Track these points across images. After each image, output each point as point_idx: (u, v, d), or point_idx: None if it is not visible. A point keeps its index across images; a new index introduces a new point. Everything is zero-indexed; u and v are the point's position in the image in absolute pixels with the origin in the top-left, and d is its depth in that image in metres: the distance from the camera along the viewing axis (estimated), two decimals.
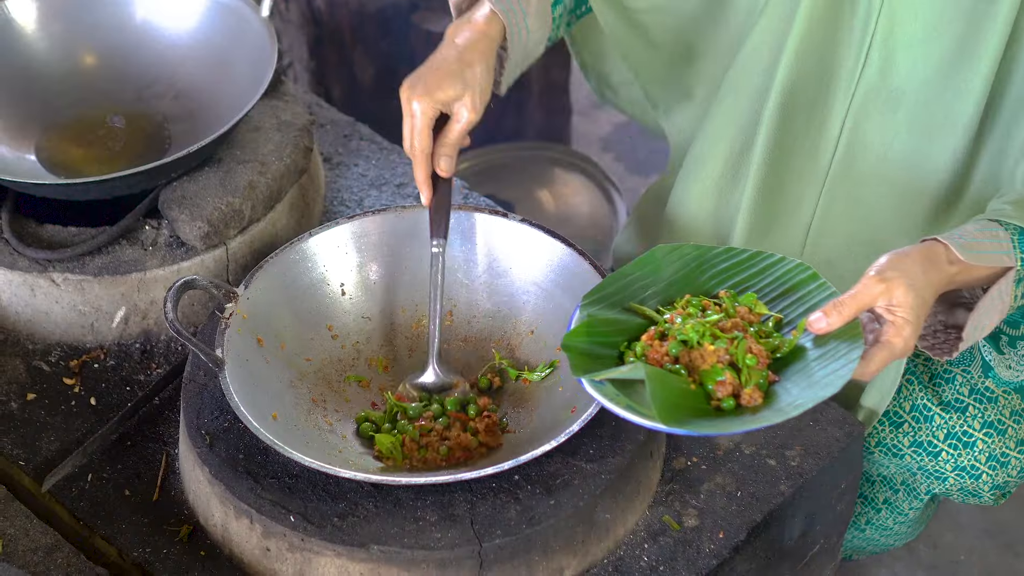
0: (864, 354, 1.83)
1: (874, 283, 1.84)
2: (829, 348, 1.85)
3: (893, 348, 1.84)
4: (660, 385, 1.81)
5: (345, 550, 1.89)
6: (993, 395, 2.21)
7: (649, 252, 2.02)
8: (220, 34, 2.49)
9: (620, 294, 1.99)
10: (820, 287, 1.95)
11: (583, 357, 1.90)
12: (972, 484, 2.24)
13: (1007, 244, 1.93)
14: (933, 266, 1.88)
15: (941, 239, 1.90)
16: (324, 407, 2.10)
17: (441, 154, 2.12)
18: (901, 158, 2.19)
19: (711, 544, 2.02)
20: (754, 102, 2.25)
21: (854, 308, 1.84)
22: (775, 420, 1.79)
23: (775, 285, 1.98)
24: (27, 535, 2.02)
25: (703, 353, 1.86)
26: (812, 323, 1.86)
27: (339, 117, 2.69)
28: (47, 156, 2.43)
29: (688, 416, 1.82)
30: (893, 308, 1.83)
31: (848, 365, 1.81)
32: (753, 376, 1.84)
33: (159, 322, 2.29)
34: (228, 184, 2.30)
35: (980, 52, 2.05)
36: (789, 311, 1.95)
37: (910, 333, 1.83)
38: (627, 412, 1.81)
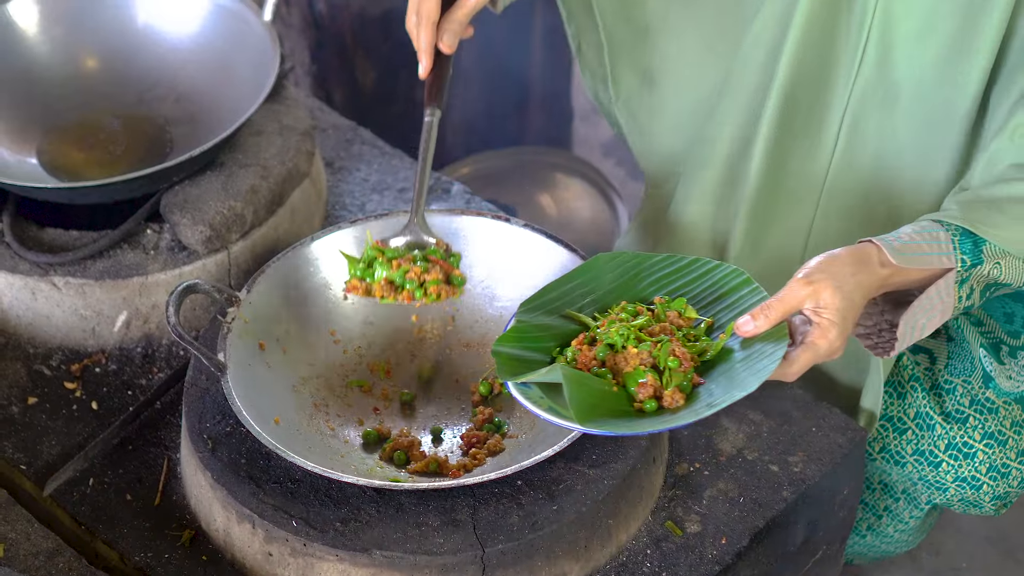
0: (787, 355, 1.84)
1: (801, 286, 1.84)
2: (755, 350, 1.86)
3: (817, 349, 1.84)
4: (577, 386, 1.83)
5: (347, 555, 1.89)
6: (994, 406, 2.20)
7: (591, 260, 2.04)
8: (222, 38, 2.49)
9: (558, 301, 2.01)
10: (752, 291, 1.96)
11: (512, 362, 1.91)
12: (973, 495, 2.24)
13: (947, 246, 1.93)
14: (863, 268, 1.88)
15: (875, 241, 1.91)
16: (326, 412, 2.10)
17: (445, 29, 2.13)
18: (900, 156, 2.19)
19: (714, 550, 2.02)
20: (752, 102, 2.25)
21: (781, 311, 1.85)
22: (690, 420, 1.81)
23: (710, 290, 1.99)
24: (28, 539, 2.01)
25: (626, 356, 1.88)
26: (740, 326, 1.87)
27: (341, 121, 2.69)
28: (48, 159, 2.43)
29: (607, 416, 1.83)
30: (819, 310, 1.84)
31: (770, 365, 1.82)
32: (675, 378, 1.86)
33: (161, 326, 2.28)
34: (230, 188, 2.30)
35: (977, 46, 2.05)
36: (722, 315, 1.97)
37: (835, 335, 1.84)
38: (548, 414, 1.82)
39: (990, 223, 1.95)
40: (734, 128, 2.30)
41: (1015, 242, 1.95)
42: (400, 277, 2.05)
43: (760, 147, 2.24)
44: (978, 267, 1.94)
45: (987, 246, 1.94)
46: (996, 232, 1.94)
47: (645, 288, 2.02)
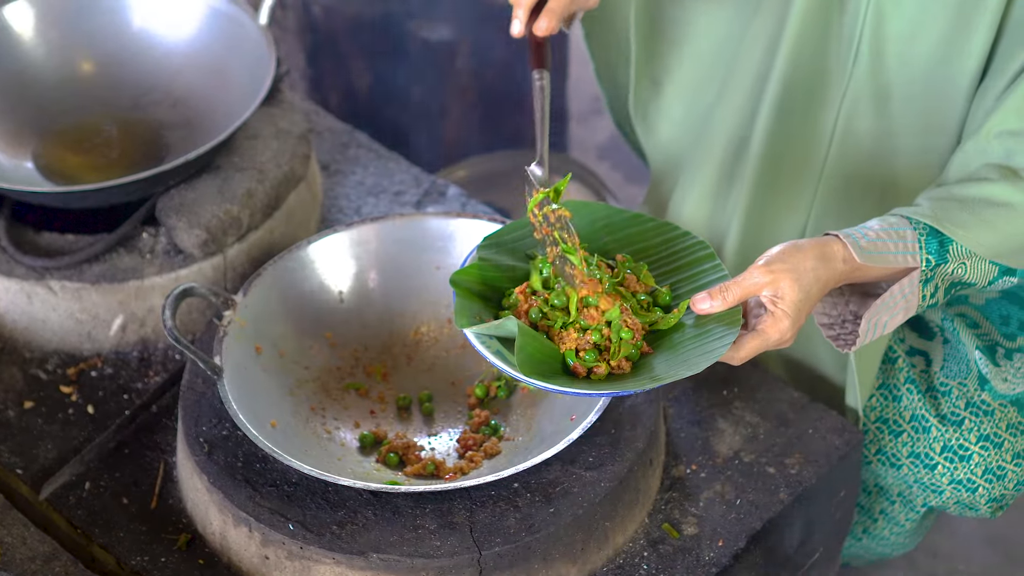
0: (737, 340, 1.84)
1: (761, 273, 1.84)
2: (706, 329, 1.86)
3: (767, 338, 1.85)
4: (530, 340, 1.82)
5: (344, 558, 1.89)
6: (989, 408, 2.20)
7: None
8: (218, 42, 2.49)
9: (520, 241, 1.99)
10: (714, 267, 1.95)
11: (470, 296, 1.90)
12: (968, 497, 2.24)
13: (913, 245, 1.93)
14: (825, 263, 1.88)
15: (841, 236, 1.90)
16: (323, 415, 2.10)
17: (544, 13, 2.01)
18: (894, 155, 2.19)
19: (710, 552, 2.02)
20: (748, 103, 2.26)
21: (738, 294, 1.85)
22: (631, 390, 1.81)
23: (672, 258, 1.99)
24: (25, 543, 2.01)
25: (563, 336, 1.86)
26: (696, 302, 1.87)
27: (337, 125, 2.69)
28: (44, 163, 2.43)
29: (551, 373, 1.83)
30: (776, 299, 1.84)
31: (719, 349, 1.82)
32: (624, 348, 1.85)
33: (157, 330, 2.28)
34: (226, 192, 2.30)
35: (968, 47, 2.05)
36: (680, 286, 1.96)
37: (787, 326, 1.84)
38: (495, 357, 1.81)
39: (958, 223, 1.95)
40: (731, 127, 2.30)
41: (981, 244, 1.96)
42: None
43: (756, 146, 2.24)
44: (943, 266, 1.94)
45: (953, 246, 1.94)
46: (963, 233, 1.94)
47: (609, 243, 2.00)
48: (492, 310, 1.91)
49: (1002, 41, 2.05)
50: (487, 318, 1.89)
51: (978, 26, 2.03)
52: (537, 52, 2.05)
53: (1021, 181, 1.98)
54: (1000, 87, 2.03)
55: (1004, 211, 1.97)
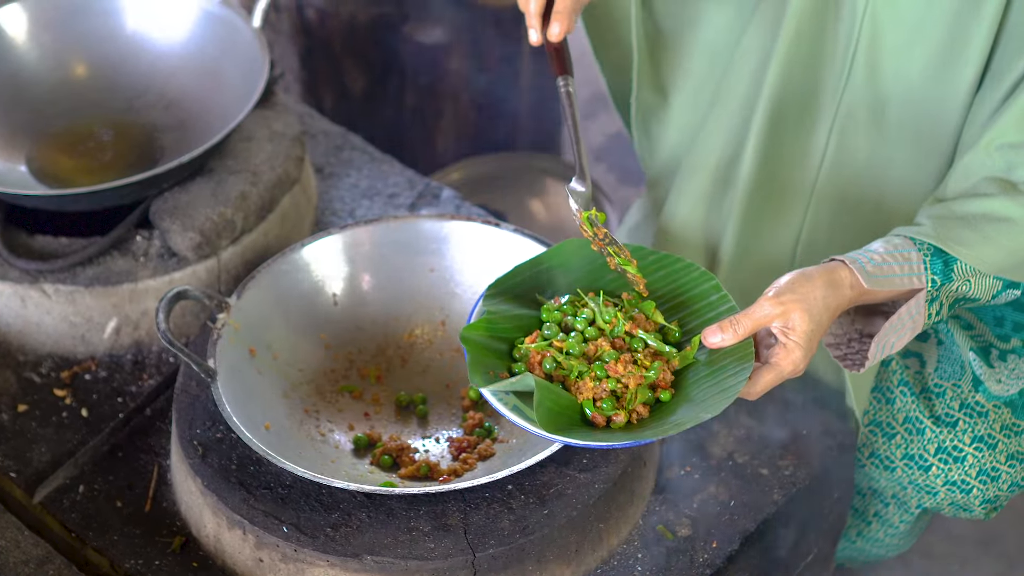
0: (752, 375, 1.84)
1: (772, 305, 1.84)
2: (719, 365, 1.86)
3: (781, 371, 1.85)
4: (548, 394, 1.82)
5: (338, 560, 1.89)
6: (983, 409, 2.20)
7: (561, 244, 2.01)
8: (211, 44, 2.49)
9: (528, 284, 1.99)
10: (721, 299, 1.95)
11: (480, 350, 1.89)
12: (963, 499, 2.24)
13: (918, 266, 1.93)
14: (833, 291, 1.88)
15: (847, 262, 1.90)
16: (317, 417, 2.10)
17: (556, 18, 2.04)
18: (888, 166, 2.19)
19: (704, 553, 2.02)
20: (743, 110, 2.26)
21: (749, 327, 1.85)
22: (656, 437, 1.80)
23: (681, 290, 1.98)
24: (18, 547, 2.01)
25: (579, 385, 1.86)
26: (707, 336, 1.86)
27: (331, 127, 2.69)
28: (38, 166, 2.42)
29: (570, 424, 1.83)
30: (787, 331, 1.84)
31: (735, 387, 1.82)
32: (640, 395, 1.85)
33: (151, 333, 2.28)
34: (220, 194, 2.29)
35: (965, 58, 2.05)
36: (688, 320, 1.96)
37: (800, 357, 1.84)
38: (513, 413, 1.81)
39: (961, 241, 1.95)
40: (726, 135, 2.30)
41: (985, 261, 1.96)
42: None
43: (750, 154, 2.24)
44: (948, 285, 1.95)
45: (958, 264, 1.94)
46: (967, 251, 1.94)
47: (613, 280, 2.00)
48: (504, 362, 1.91)
49: (998, 51, 2.04)
50: (501, 372, 1.89)
51: (975, 36, 2.03)
52: (557, 58, 2.06)
53: (1021, 195, 1.97)
54: (997, 98, 2.03)
55: (1006, 226, 1.97)
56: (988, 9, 2.01)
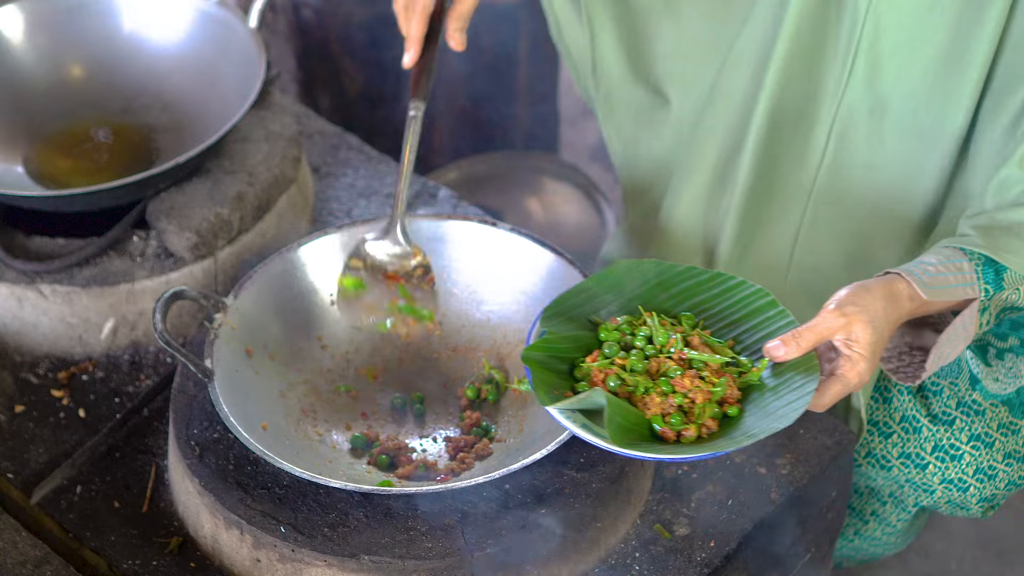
0: (819, 387, 1.84)
1: (833, 317, 1.84)
2: (785, 378, 1.86)
3: (847, 382, 1.85)
4: (618, 410, 1.82)
5: (336, 560, 1.89)
6: (980, 408, 2.21)
7: (610, 267, 2.02)
8: (208, 45, 2.49)
9: (581, 308, 1.99)
10: (779, 314, 1.95)
11: (541, 370, 1.90)
12: (960, 497, 2.24)
13: (971, 276, 1.94)
14: (893, 303, 1.88)
15: (904, 275, 1.91)
16: (314, 417, 2.10)
17: (455, 28, 2.10)
18: (888, 168, 2.19)
19: (702, 553, 2.02)
20: (742, 110, 2.26)
21: (812, 340, 1.85)
22: (727, 449, 1.80)
23: (736, 308, 1.98)
24: (16, 548, 2.01)
25: (646, 401, 1.86)
26: (770, 350, 1.86)
27: (327, 127, 2.69)
28: (35, 168, 2.42)
29: (640, 439, 1.83)
30: (850, 343, 1.85)
31: (803, 398, 1.82)
32: (708, 410, 1.85)
33: (148, 333, 2.28)
34: (216, 195, 2.29)
35: (968, 60, 2.05)
36: (747, 336, 1.96)
37: (864, 368, 1.85)
38: (583, 431, 1.81)
39: (1011, 250, 1.96)
40: (724, 134, 2.30)
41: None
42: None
43: (749, 154, 2.24)
44: (999, 294, 1.95)
45: (1008, 273, 1.95)
46: (1015, 259, 1.95)
47: (667, 300, 2.00)
48: (566, 382, 1.91)
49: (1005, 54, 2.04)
50: (565, 391, 1.89)
51: (978, 39, 2.03)
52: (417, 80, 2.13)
53: None
54: (1017, 104, 2.03)
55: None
56: (992, 12, 2.00)
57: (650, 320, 1.93)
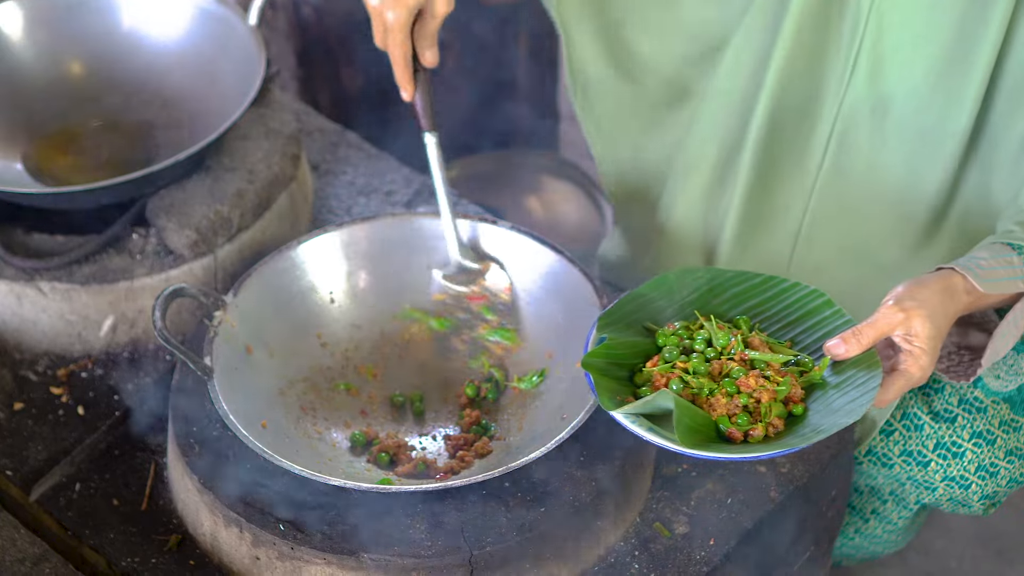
0: (882, 382, 1.84)
1: (893, 312, 1.85)
2: (847, 375, 1.86)
3: (911, 377, 1.86)
4: (686, 412, 1.82)
5: (335, 558, 1.89)
6: (982, 405, 2.21)
7: (662, 275, 2.03)
8: (207, 42, 2.49)
9: (636, 315, 1.99)
10: (835, 314, 1.96)
11: (601, 376, 1.90)
12: (961, 494, 2.24)
13: (1021, 269, 1.95)
14: (951, 297, 1.89)
15: (958, 269, 1.92)
16: (314, 415, 2.10)
17: (424, 47, 2.12)
18: (891, 166, 2.19)
19: (702, 551, 2.02)
20: (742, 108, 2.25)
21: (873, 336, 1.86)
22: (798, 446, 1.80)
23: (790, 310, 1.99)
24: (15, 545, 2.01)
25: (712, 403, 1.86)
26: (830, 348, 1.87)
27: (327, 125, 2.68)
28: (34, 165, 2.42)
29: (708, 440, 1.84)
30: (910, 338, 1.85)
31: (867, 393, 1.82)
32: (774, 410, 1.85)
33: (147, 331, 2.28)
34: (216, 192, 2.29)
35: (972, 60, 2.04)
36: (803, 337, 1.96)
37: (927, 363, 1.86)
38: (650, 435, 1.81)
39: None
40: (723, 133, 2.29)
41: None
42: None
43: (749, 153, 2.23)
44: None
45: None
46: None
47: (721, 304, 2.01)
48: (627, 387, 1.92)
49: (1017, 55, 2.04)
50: (626, 396, 1.89)
51: (982, 39, 2.03)
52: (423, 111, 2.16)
53: None
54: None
55: None
56: (995, 12, 2.00)
57: (707, 324, 1.93)
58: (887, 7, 2.06)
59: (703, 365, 1.88)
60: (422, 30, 2.11)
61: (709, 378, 1.88)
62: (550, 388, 2.09)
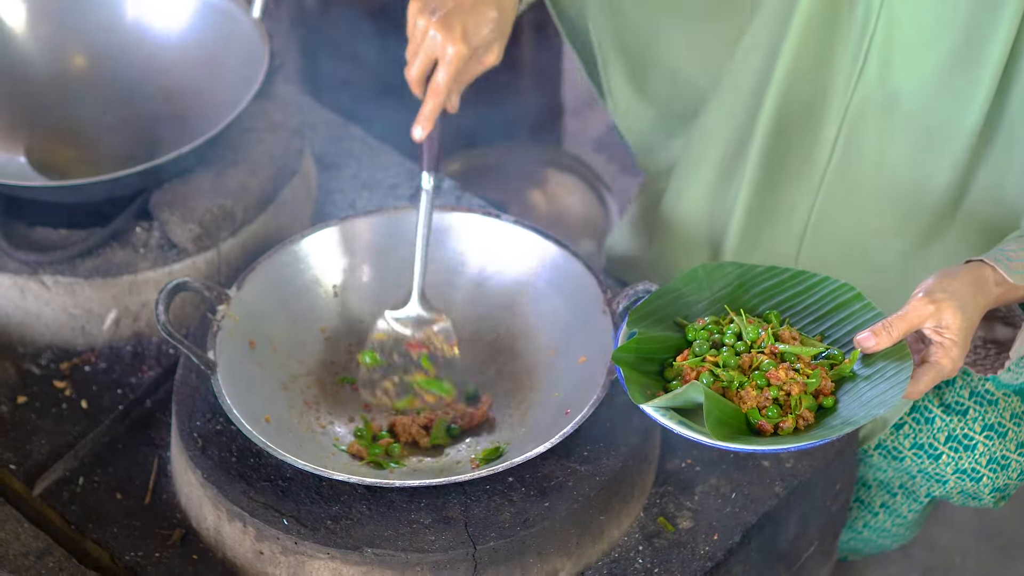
0: (912, 374, 1.84)
1: (924, 304, 1.85)
2: (877, 368, 1.86)
3: (942, 369, 1.86)
4: (716, 404, 1.82)
5: (339, 553, 1.89)
6: (993, 398, 2.21)
7: (692, 270, 2.03)
8: (211, 35, 2.48)
9: (666, 310, 1.99)
10: (865, 307, 1.96)
11: (632, 371, 1.90)
12: (972, 487, 2.24)
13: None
14: (981, 289, 1.89)
15: (988, 261, 1.91)
16: (317, 409, 2.10)
17: (454, 92, 2.11)
18: (899, 163, 2.18)
19: (706, 546, 2.01)
20: (750, 102, 2.24)
21: (903, 328, 1.85)
22: (827, 438, 1.80)
23: (818, 304, 1.99)
24: (18, 539, 2.01)
25: (743, 395, 1.86)
26: (861, 341, 1.87)
27: (330, 118, 2.68)
28: (37, 158, 2.42)
29: (738, 432, 1.84)
30: (941, 330, 1.85)
31: (898, 386, 1.82)
32: (804, 401, 1.85)
33: (151, 325, 2.28)
34: (219, 186, 2.29)
35: (983, 57, 2.04)
36: (833, 331, 1.96)
37: (958, 354, 1.85)
38: (681, 428, 1.81)
39: None
40: (731, 128, 2.29)
41: None
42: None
43: (756, 147, 2.23)
44: None
45: None
46: None
47: (750, 299, 2.01)
48: (657, 382, 1.92)
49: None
50: (656, 391, 1.89)
51: (992, 37, 2.02)
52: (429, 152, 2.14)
53: None
54: None
55: None
56: (1006, 11, 1.99)
57: (737, 318, 1.93)
58: (897, 3, 2.05)
59: (733, 358, 1.88)
60: (461, 77, 2.10)
61: (739, 371, 1.88)
62: (554, 384, 2.09)
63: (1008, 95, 2.07)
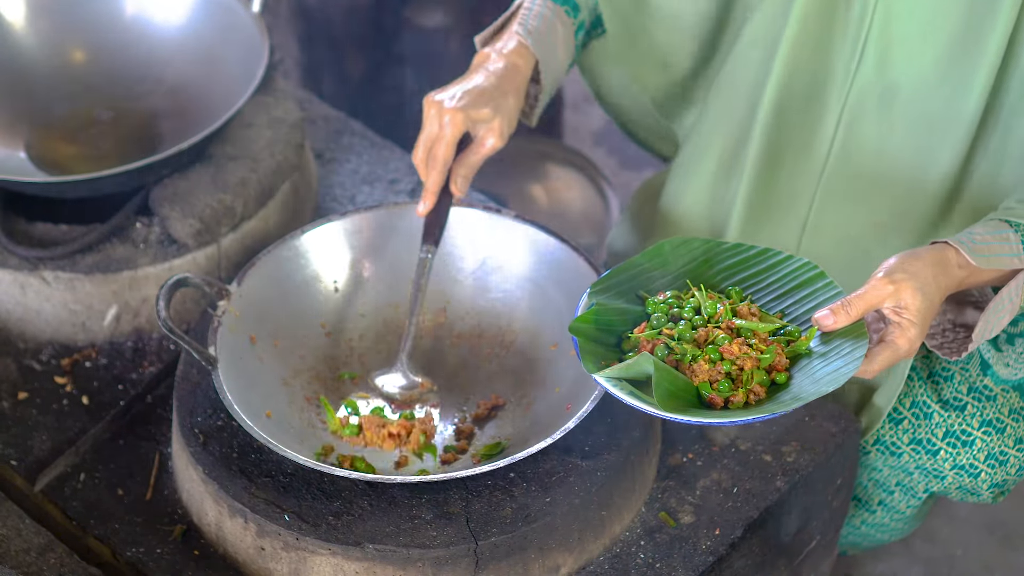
0: (868, 353, 1.84)
1: (883, 284, 1.85)
2: (833, 345, 1.86)
3: (897, 349, 1.86)
4: (666, 376, 1.83)
5: (340, 549, 1.89)
6: (992, 393, 2.20)
7: (657, 245, 2.03)
8: (211, 30, 2.48)
9: (628, 283, 2.00)
10: (826, 286, 1.96)
11: (589, 342, 1.91)
12: (971, 483, 2.24)
13: (1016, 246, 1.95)
14: (943, 270, 1.89)
15: (952, 242, 1.91)
16: (318, 405, 2.09)
17: (460, 174, 2.15)
18: (898, 156, 2.18)
19: (707, 541, 2.01)
20: (749, 97, 2.25)
21: (862, 308, 1.85)
22: (774, 413, 1.80)
23: (782, 282, 1.99)
24: (19, 535, 2.01)
25: (695, 369, 1.86)
26: (819, 319, 1.87)
27: (330, 113, 2.68)
28: (37, 153, 2.42)
29: (688, 406, 1.84)
30: (900, 310, 1.85)
31: (852, 363, 1.82)
32: (756, 377, 1.85)
33: (151, 320, 2.28)
34: (219, 181, 2.29)
35: (981, 49, 2.04)
36: (794, 308, 1.96)
37: (915, 335, 1.85)
38: (630, 398, 1.82)
39: None
40: (730, 122, 2.29)
41: None
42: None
43: (756, 142, 2.23)
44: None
45: None
46: None
47: (715, 275, 2.01)
48: (614, 353, 1.92)
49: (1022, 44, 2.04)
50: (612, 361, 1.89)
51: (992, 28, 2.02)
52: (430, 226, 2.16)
53: None
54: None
55: None
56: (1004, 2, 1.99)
57: (697, 292, 1.94)
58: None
59: (689, 332, 1.88)
60: (465, 158, 2.14)
61: (694, 345, 1.88)
62: (555, 378, 2.09)
63: (1006, 84, 2.07)
